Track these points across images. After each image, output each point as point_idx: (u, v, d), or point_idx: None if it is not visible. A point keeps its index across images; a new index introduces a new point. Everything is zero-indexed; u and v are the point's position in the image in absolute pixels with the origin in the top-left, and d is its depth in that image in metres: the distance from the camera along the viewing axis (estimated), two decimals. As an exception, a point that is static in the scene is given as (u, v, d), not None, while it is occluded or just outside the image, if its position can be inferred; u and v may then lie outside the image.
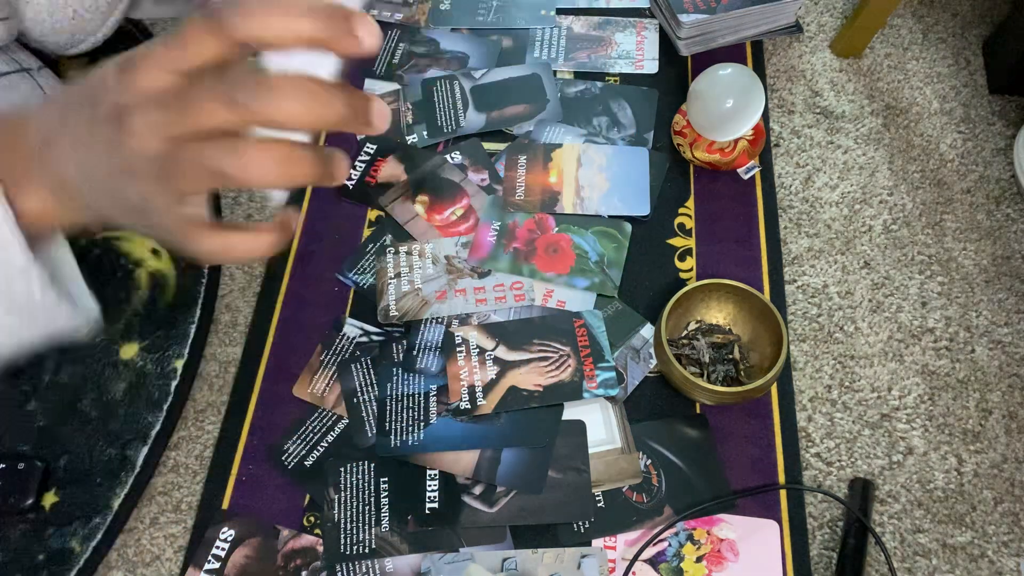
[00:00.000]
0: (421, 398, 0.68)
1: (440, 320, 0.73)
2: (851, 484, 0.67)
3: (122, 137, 0.32)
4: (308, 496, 0.66)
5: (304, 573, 0.63)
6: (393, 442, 0.66)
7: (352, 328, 0.74)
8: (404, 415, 0.67)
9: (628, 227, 0.78)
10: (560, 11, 0.96)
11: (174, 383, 0.70)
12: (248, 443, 0.69)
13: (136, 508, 0.67)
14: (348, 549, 0.63)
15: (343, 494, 0.65)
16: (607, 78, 0.90)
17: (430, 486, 0.65)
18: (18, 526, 0.64)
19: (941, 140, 0.86)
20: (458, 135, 0.86)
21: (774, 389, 0.70)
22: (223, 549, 0.64)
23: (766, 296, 0.73)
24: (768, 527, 0.64)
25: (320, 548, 0.64)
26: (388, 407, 0.68)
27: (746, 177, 0.82)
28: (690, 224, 0.80)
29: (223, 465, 0.68)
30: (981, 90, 0.90)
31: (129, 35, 0.86)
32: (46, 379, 0.70)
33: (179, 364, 0.71)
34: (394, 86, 0.90)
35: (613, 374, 0.69)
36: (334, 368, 0.71)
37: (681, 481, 0.66)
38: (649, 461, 0.67)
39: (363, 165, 0.84)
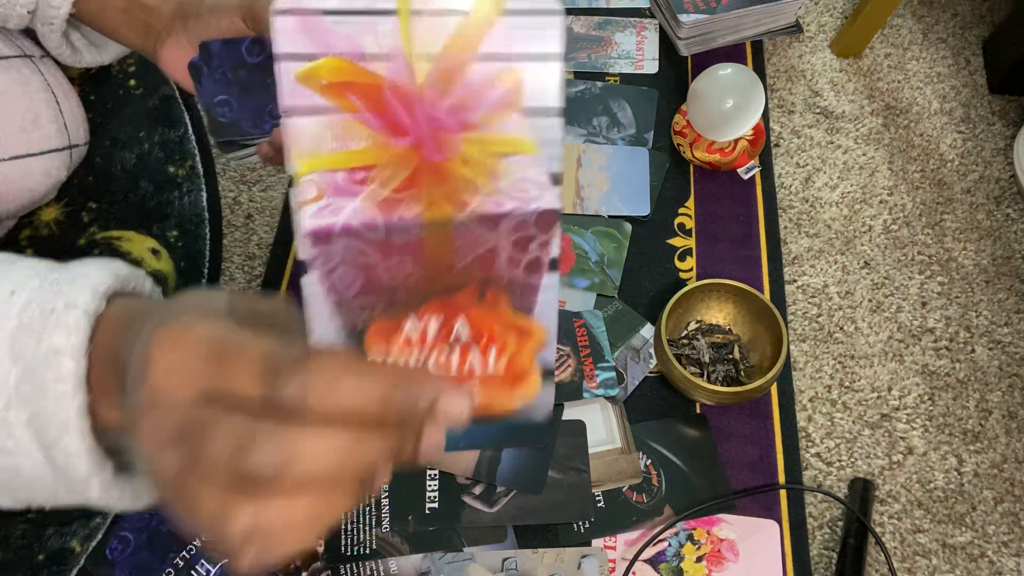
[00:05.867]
0: (421, 398, 0.68)
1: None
2: (851, 484, 0.67)
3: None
4: (308, 496, 0.66)
5: (304, 574, 0.63)
6: (393, 442, 0.66)
7: (352, 328, 0.74)
8: (404, 415, 0.67)
9: (628, 227, 0.78)
10: (560, 11, 0.96)
11: (174, 383, 0.70)
12: (248, 443, 0.69)
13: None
14: (349, 550, 0.63)
15: (343, 494, 0.65)
16: (607, 78, 0.90)
17: (430, 486, 0.65)
18: (18, 526, 0.64)
19: (941, 140, 0.86)
20: (458, 135, 0.86)
21: (774, 389, 0.70)
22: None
23: (766, 296, 0.73)
24: (768, 527, 0.64)
25: (320, 549, 0.64)
26: (388, 407, 0.68)
27: (746, 177, 0.82)
28: (690, 224, 0.80)
29: (223, 465, 0.68)
30: (981, 90, 0.90)
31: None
32: (46, 379, 0.70)
33: (179, 364, 0.71)
34: (394, 86, 0.90)
35: (613, 374, 0.69)
36: (334, 368, 0.71)
37: (681, 481, 0.66)
38: (649, 461, 0.67)
39: (363, 165, 0.84)
